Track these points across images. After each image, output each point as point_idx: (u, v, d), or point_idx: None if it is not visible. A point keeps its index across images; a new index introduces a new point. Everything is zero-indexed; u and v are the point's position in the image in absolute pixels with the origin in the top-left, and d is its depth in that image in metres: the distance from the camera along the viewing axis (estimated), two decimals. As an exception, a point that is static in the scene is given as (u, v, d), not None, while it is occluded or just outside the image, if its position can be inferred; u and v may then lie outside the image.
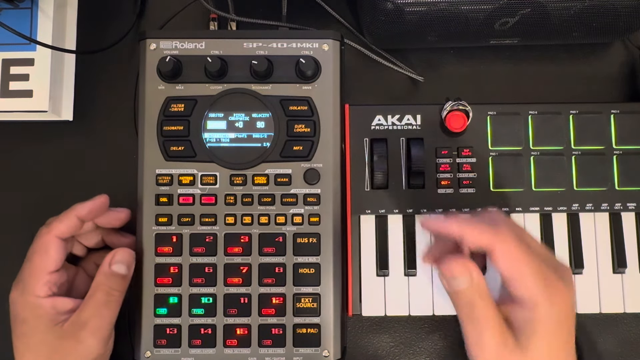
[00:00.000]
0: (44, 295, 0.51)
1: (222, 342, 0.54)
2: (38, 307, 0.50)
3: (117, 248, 0.53)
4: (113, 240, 0.57)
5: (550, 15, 0.56)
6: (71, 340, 0.50)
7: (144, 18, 0.66)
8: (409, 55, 0.64)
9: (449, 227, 0.50)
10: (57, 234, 0.52)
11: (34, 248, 0.52)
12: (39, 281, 0.51)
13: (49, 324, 0.50)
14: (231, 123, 0.56)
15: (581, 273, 0.57)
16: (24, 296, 0.51)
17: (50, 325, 0.50)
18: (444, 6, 0.55)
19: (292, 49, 0.56)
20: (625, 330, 0.58)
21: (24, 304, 0.51)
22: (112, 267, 0.52)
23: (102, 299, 0.51)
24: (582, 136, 0.58)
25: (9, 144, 0.64)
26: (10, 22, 0.59)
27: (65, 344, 0.50)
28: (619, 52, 0.65)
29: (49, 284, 0.51)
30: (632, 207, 0.58)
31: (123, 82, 0.64)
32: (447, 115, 0.57)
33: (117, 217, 0.55)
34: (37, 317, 0.50)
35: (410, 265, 0.57)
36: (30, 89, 0.60)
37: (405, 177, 0.58)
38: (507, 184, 0.58)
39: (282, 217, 0.55)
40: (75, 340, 0.50)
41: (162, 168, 0.55)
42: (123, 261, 0.52)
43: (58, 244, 0.52)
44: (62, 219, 0.52)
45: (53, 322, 0.50)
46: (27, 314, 0.51)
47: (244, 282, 0.55)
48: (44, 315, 0.50)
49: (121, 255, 0.52)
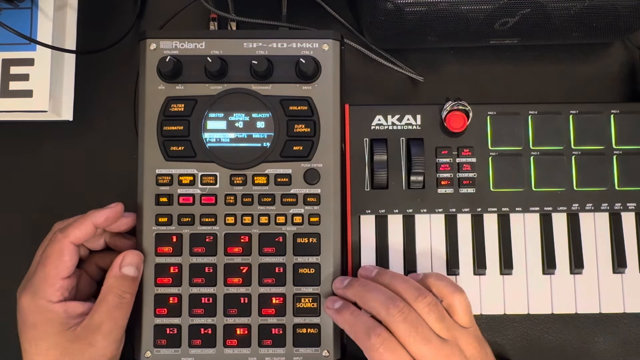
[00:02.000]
0: (57, 300, 0.50)
1: (222, 342, 0.54)
2: (50, 312, 0.50)
3: (126, 251, 0.53)
4: (117, 243, 0.57)
5: (550, 15, 0.56)
6: (84, 343, 0.50)
7: (144, 18, 0.66)
8: (409, 55, 0.64)
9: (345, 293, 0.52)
10: (73, 240, 0.51)
11: (48, 253, 0.51)
12: (52, 286, 0.50)
13: (60, 328, 0.50)
14: (231, 123, 0.56)
15: (581, 273, 0.57)
16: (35, 301, 0.50)
17: (62, 329, 0.50)
18: (444, 6, 0.55)
19: (292, 49, 0.56)
20: (625, 330, 0.58)
21: (36, 309, 0.50)
22: (123, 270, 0.52)
23: (114, 301, 0.51)
24: (582, 136, 0.58)
25: (9, 144, 0.64)
26: (10, 22, 0.59)
27: (77, 347, 0.50)
28: (619, 52, 0.65)
29: (62, 289, 0.51)
30: (632, 207, 0.58)
31: (123, 82, 0.64)
32: (447, 115, 0.57)
33: (125, 222, 0.55)
34: (49, 322, 0.50)
35: (409, 266, 0.57)
36: (30, 89, 0.60)
37: (405, 177, 0.58)
38: (507, 184, 0.58)
39: (282, 217, 0.55)
40: (87, 343, 0.50)
41: (162, 168, 0.55)
42: (133, 263, 0.52)
43: (73, 250, 0.51)
44: (79, 226, 0.52)
45: (65, 327, 0.50)
46: (38, 319, 0.50)
47: (244, 282, 0.55)
48: (56, 319, 0.50)
49: (130, 257, 0.52)
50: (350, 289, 0.52)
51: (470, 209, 0.58)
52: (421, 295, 0.50)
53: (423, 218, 0.58)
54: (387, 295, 0.50)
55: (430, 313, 0.49)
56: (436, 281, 0.52)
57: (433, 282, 0.52)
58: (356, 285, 0.52)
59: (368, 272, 0.54)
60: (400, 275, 0.52)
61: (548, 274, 0.57)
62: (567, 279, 0.57)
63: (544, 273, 0.58)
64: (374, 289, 0.51)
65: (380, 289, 0.51)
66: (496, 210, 0.58)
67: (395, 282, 0.51)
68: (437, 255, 0.57)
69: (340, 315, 0.51)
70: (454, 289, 0.51)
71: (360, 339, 0.49)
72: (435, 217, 0.58)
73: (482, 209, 0.58)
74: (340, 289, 0.53)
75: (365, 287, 0.51)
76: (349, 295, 0.52)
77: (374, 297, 0.50)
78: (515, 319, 0.58)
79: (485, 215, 0.58)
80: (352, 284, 0.52)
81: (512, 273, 0.57)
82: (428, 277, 0.52)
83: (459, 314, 0.51)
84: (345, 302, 0.52)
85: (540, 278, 0.57)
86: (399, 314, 0.48)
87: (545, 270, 0.57)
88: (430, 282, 0.52)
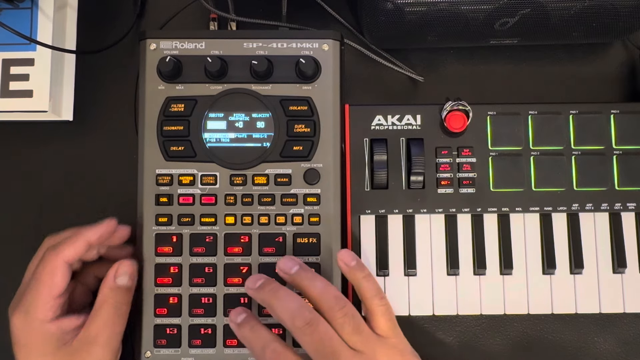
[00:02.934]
0: (50, 319, 0.50)
1: (222, 342, 0.54)
2: (44, 331, 0.49)
3: (119, 261, 0.52)
4: (111, 254, 0.56)
5: (550, 15, 0.56)
6: (82, 354, 0.50)
7: (144, 18, 0.66)
8: (409, 55, 0.64)
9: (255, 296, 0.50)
10: (66, 260, 0.50)
11: (40, 272, 0.50)
12: (44, 305, 0.49)
13: (57, 345, 0.50)
14: (231, 123, 0.56)
15: (581, 273, 0.57)
16: (28, 320, 0.49)
17: (58, 346, 0.50)
18: (444, 6, 0.55)
19: (292, 49, 0.56)
20: (625, 330, 0.58)
21: (29, 329, 0.50)
22: (117, 281, 0.51)
23: (110, 312, 0.51)
24: (582, 136, 0.58)
25: (9, 144, 0.64)
26: (10, 22, 0.59)
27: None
28: (619, 52, 0.65)
29: (54, 308, 0.50)
30: (632, 207, 0.58)
31: (123, 82, 0.64)
32: (447, 115, 0.57)
33: (119, 236, 0.54)
34: (44, 341, 0.50)
35: (410, 266, 0.57)
36: (30, 89, 0.60)
37: (405, 177, 0.58)
38: (507, 184, 0.58)
39: (282, 217, 0.55)
40: (86, 354, 0.50)
41: (162, 168, 0.55)
42: (127, 273, 0.52)
43: (66, 269, 0.50)
44: (71, 245, 0.50)
45: (61, 342, 0.50)
46: (32, 339, 0.50)
47: (244, 282, 0.54)
48: (50, 338, 0.50)
49: (124, 268, 0.52)
50: (259, 292, 0.50)
51: (470, 209, 0.58)
52: (337, 304, 0.48)
53: (423, 218, 0.58)
54: (297, 304, 0.48)
55: (344, 325, 0.47)
56: (360, 281, 0.51)
57: (357, 280, 0.51)
58: (267, 289, 0.49)
59: (287, 267, 0.51)
60: (320, 280, 0.50)
61: (548, 274, 0.57)
62: (567, 279, 0.57)
63: (544, 273, 0.58)
64: (283, 297, 0.48)
65: (289, 297, 0.48)
66: (496, 210, 0.58)
67: (312, 286, 0.49)
68: (437, 255, 0.57)
69: (240, 331, 0.50)
70: (375, 292, 0.50)
71: (257, 355, 0.48)
72: (435, 217, 0.58)
73: (482, 209, 0.58)
74: (251, 289, 0.50)
75: (275, 294, 0.49)
76: (258, 300, 0.50)
77: (282, 305, 0.48)
78: (515, 319, 0.58)
79: (485, 215, 0.58)
80: (263, 287, 0.50)
81: (512, 273, 0.57)
82: (355, 273, 0.51)
83: (378, 320, 0.50)
84: (247, 317, 0.50)
85: (540, 278, 0.57)
86: (306, 326, 0.47)
87: (545, 270, 0.57)
88: (355, 281, 0.51)
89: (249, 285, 0.51)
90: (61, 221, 0.60)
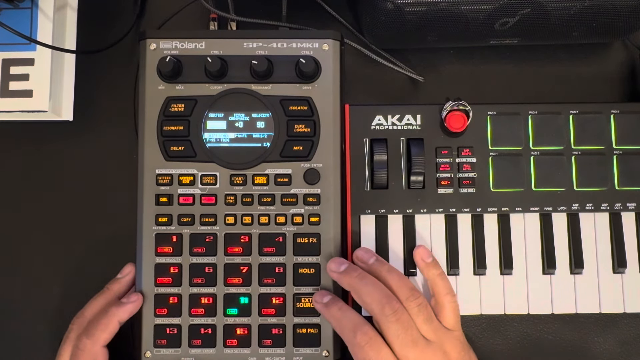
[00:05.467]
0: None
1: (222, 342, 0.54)
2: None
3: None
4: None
5: (550, 15, 0.56)
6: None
7: (144, 18, 0.66)
8: (409, 55, 0.64)
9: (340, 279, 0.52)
10: (103, 344, 0.52)
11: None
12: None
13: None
14: (231, 123, 0.56)
15: (581, 273, 0.57)
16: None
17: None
18: (444, 6, 0.55)
19: (292, 49, 0.56)
20: (625, 330, 0.58)
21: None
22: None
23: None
24: (582, 136, 0.58)
25: (9, 144, 0.64)
26: (10, 22, 0.59)
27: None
28: (619, 52, 0.65)
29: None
30: (632, 207, 0.58)
31: (123, 82, 0.64)
32: (447, 115, 0.57)
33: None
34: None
35: (410, 266, 0.57)
36: (30, 89, 0.60)
37: (406, 177, 0.58)
38: (507, 184, 0.58)
39: (282, 217, 0.55)
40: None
41: (162, 168, 0.55)
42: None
43: (105, 353, 0.52)
44: (106, 329, 0.52)
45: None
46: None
47: (244, 282, 0.55)
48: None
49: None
50: (345, 277, 0.52)
51: (470, 209, 0.58)
52: (413, 295, 0.50)
53: (423, 218, 0.58)
54: (383, 293, 0.50)
55: (419, 314, 0.50)
56: (436, 278, 0.53)
57: (432, 277, 0.53)
58: (354, 275, 0.51)
59: (365, 257, 0.53)
60: (396, 271, 0.52)
61: (548, 274, 0.57)
62: (567, 279, 0.57)
63: (544, 273, 0.58)
64: (370, 284, 0.51)
65: (376, 285, 0.51)
66: (496, 210, 0.58)
67: (390, 277, 0.51)
68: (437, 255, 0.57)
69: (327, 310, 0.51)
70: (448, 290, 0.53)
71: (347, 335, 0.50)
72: (435, 217, 0.58)
73: (482, 209, 0.58)
74: (335, 272, 0.53)
75: (362, 281, 0.51)
76: (344, 284, 0.52)
77: (370, 292, 0.50)
78: (515, 319, 0.58)
79: (485, 215, 0.58)
80: (348, 272, 0.52)
81: (512, 273, 0.57)
82: (430, 270, 0.54)
83: (447, 315, 0.52)
84: (333, 297, 0.52)
85: (540, 278, 0.57)
86: (392, 314, 0.49)
87: (545, 270, 0.57)
88: (430, 277, 0.53)
89: (332, 268, 0.53)
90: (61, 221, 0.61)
